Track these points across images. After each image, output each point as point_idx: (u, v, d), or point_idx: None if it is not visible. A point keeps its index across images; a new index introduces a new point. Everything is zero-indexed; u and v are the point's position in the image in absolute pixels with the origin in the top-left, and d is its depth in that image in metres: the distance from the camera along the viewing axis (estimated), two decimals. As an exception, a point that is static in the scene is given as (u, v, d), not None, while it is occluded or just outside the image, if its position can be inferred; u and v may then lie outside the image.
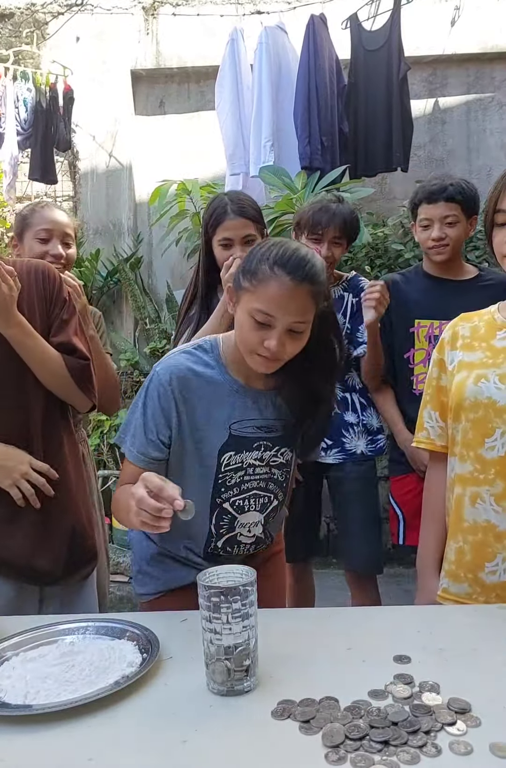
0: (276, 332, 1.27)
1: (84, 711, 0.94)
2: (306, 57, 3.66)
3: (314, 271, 1.29)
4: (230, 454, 1.40)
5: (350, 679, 1.00)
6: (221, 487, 1.41)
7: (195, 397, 1.37)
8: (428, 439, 1.53)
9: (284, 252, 1.28)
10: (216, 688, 0.99)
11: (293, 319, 1.28)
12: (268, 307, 1.26)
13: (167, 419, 1.36)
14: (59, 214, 2.06)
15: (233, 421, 1.39)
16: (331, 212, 2.17)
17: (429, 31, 4.12)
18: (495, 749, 0.83)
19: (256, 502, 1.45)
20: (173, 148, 4.35)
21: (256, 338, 1.29)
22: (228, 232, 2.03)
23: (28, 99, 4.00)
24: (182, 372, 1.36)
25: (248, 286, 1.29)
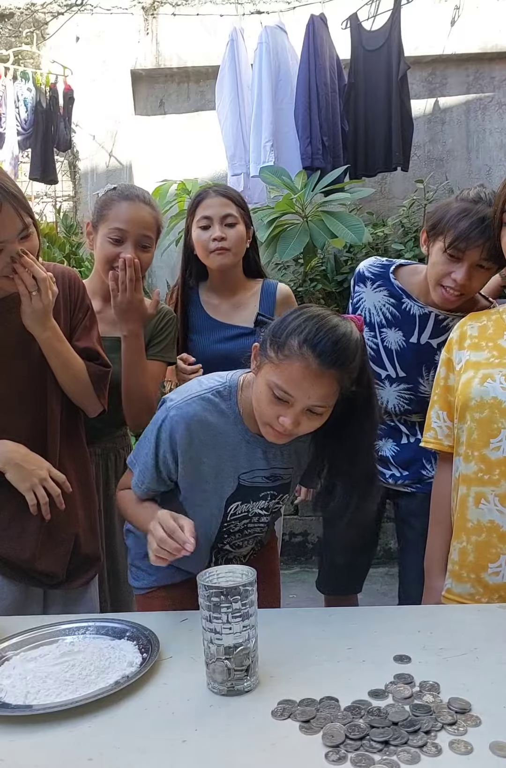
0: (293, 411, 1.22)
1: (84, 711, 0.94)
2: (306, 57, 3.66)
3: (346, 355, 1.21)
4: (237, 504, 1.39)
5: (350, 679, 1.00)
6: (224, 533, 1.42)
7: (207, 447, 1.33)
8: (435, 439, 1.53)
9: (318, 330, 1.20)
10: (216, 687, 0.99)
11: (313, 402, 1.22)
12: (288, 387, 1.20)
13: (175, 462, 1.35)
14: (139, 210, 1.76)
15: (242, 471, 1.36)
16: (486, 225, 1.54)
17: (428, 31, 4.12)
18: (495, 749, 0.83)
19: (253, 539, 1.49)
20: (173, 148, 4.35)
21: (272, 412, 1.23)
22: (207, 210, 1.96)
23: (29, 99, 4.00)
24: (195, 423, 1.31)
25: (273, 357, 1.23)
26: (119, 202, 1.76)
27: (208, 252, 1.98)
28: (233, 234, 1.98)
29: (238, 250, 2.01)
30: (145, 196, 1.81)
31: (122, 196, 1.77)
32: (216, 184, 2.12)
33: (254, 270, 2.14)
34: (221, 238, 1.95)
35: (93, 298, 1.71)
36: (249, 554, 1.53)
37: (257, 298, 2.07)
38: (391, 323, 1.83)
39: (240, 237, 2.00)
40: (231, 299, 2.07)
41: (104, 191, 1.84)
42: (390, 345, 1.84)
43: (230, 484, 1.36)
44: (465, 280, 1.61)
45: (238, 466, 1.36)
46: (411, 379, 1.82)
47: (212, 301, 2.08)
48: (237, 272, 2.08)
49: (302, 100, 3.64)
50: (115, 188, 1.82)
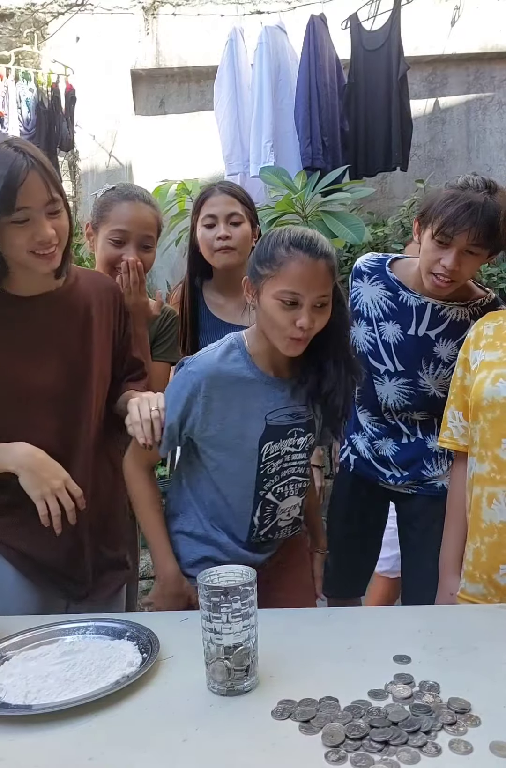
0: (305, 309, 1.33)
1: (84, 710, 0.94)
2: (307, 57, 3.67)
3: (326, 247, 1.36)
4: (269, 444, 1.44)
5: (350, 679, 1.00)
6: (263, 477, 1.45)
7: (230, 393, 1.41)
8: (451, 439, 1.53)
9: (295, 234, 1.35)
10: (216, 687, 0.99)
11: (318, 294, 1.34)
12: (293, 286, 1.32)
13: (202, 415, 1.40)
14: (140, 210, 1.73)
15: (268, 411, 1.43)
16: (474, 208, 1.57)
17: (428, 31, 4.12)
18: (495, 749, 0.83)
19: (295, 487, 1.51)
20: (173, 148, 4.35)
21: (286, 319, 1.34)
22: (212, 208, 1.93)
23: (31, 99, 4.00)
24: (215, 372, 1.40)
25: (268, 272, 1.35)
26: (120, 203, 1.73)
27: (213, 251, 1.95)
28: (238, 233, 1.94)
29: (243, 249, 1.97)
30: (145, 195, 1.79)
31: (122, 197, 1.74)
32: (222, 182, 2.10)
33: None
34: (225, 237, 1.92)
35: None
36: (293, 519, 1.53)
37: None
38: (389, 316, 1.83)
39: (245, 236, 1.96)
40: (236, 299, 2.03)
41: (103, 191, 1.80)
42: (388, 339, 1.83)
43: (258, 425, 1.42)
44: (455, 265, 1.61)
45: (262, 407, 1.43)
46: (410, 373, 1.81)
47: (218, 300, 2.05)
48: (243, 272, 2.04)
49: (303, 101, 3.65)
50: (115, 188, 1.78)
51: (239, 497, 1.45)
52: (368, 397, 1.89)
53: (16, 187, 1.25)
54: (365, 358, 1.84)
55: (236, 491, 1.45)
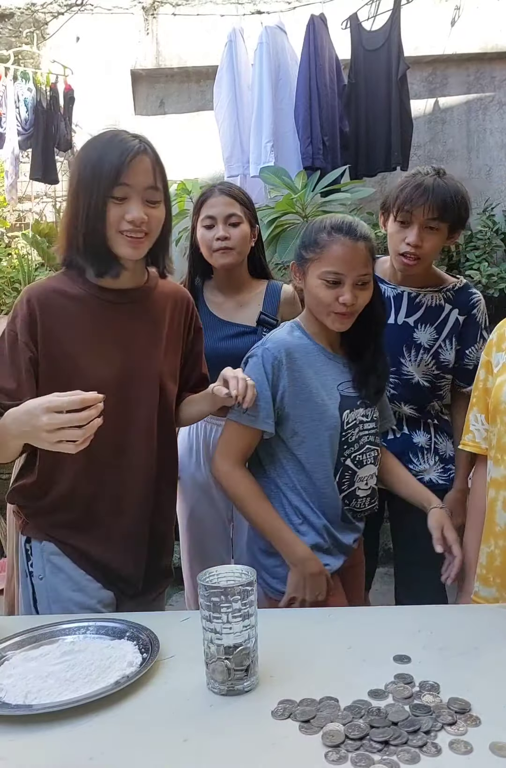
0: (348, 286, 1.48)
1: (85, 710, 0.94)
2: (307, 57, 3.66)
3: (365, 230, 1.51)
4: (347, 412, 1.55)
5: (350, 679, 1.00)
6: (344, 444, 1.55)
7: (305, 365, 1.54)
8: (473, 442, 1.54)
9: (336, 219, 1.52)
10: (216, 687, 0.99)
11: (359, 272, 1.48)
12: (336, 266, 1.48)
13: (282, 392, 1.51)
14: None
15: (338, 382, 1.56)
16: (426, 187, 1.75)
17: (429, 31, 4.12)
18: (495, 749, 0.83)
19: (370, 455, 1.60)
20: (173, 148, 4.34)
21: (330, 296, 1.49)
22: (211, 209, 1.98)
23: (29, 99, 4.00)
24: (289, 346, 1.54)
25: (313, 255, 1.51)
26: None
27: (212, 251, 1.99)
28: (237, 233, 1.98)
29: (242, 250, 2.01)
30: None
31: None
32: (221, 183, 2.12)
33: (260, 270, 2.13)
34: (224, 237, 1.96)
35: None
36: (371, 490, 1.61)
37: (261, 297, 2.07)
38: None
39: (244, 236, 2.00)
40: (235, 298, 2.07)
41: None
42: None
43: (334, 394, 1.55)
44: (418, 241, 1.78)
45: (333, 378, 1.56)
46: (393, 362, 1.86)
47: (217, 299, 2.08)
48: (242, 271, 2.08)
49: (303, 100, 3.64)
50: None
51: (322, 468, 1.53)
52: None
53: (123, 162, 1.30)
54: None
55: (320, 463, 1.53)
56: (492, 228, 3.70)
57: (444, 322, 1.91)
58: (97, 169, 1.31)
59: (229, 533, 2.15)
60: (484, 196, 4.11)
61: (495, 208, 3.92)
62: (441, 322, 1.89)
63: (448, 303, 1.90)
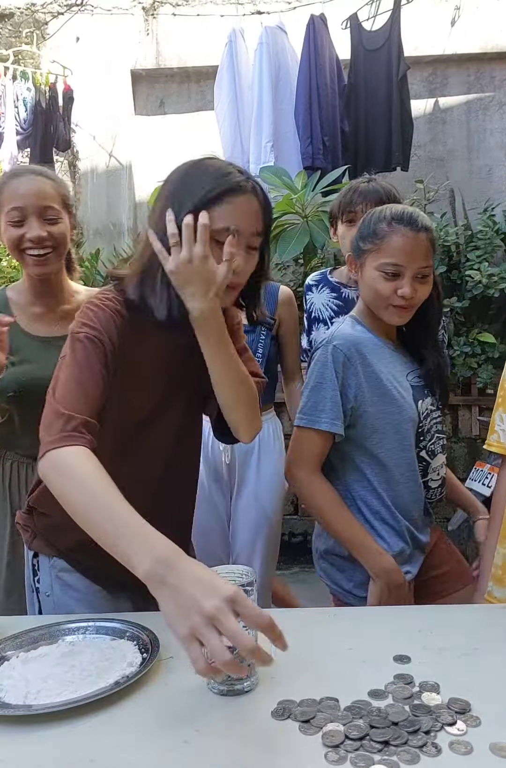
0: (407, 279, 1.43)
1: (84, 711, 0.94)
2: (307, 57, 3.67)
3: (426, 221, 1.46)
4: (420, 402, 1.53)
5: (350, 679, 1.00)
6: (419, 436, 1.53)
7: (374, 358, 1.49)
8: (498, 443, 1.53)
9: (397, 210, 1.47)
10: (216, 687, 0.99)
11: (419, 265, 1.44)
12: (396, 258, 1.43)
13: (356, 388, 1.46)
14: (31, 182, 1.61)
15: (406, 373, 1.54)
16: (361, 190, 2.03)
17: (429, 31, 4.12)
18: (495, 749, 0.83)
19: (439, 444, 1.59)
20: (173, 148, 4.35)
21: (388, 289, 1.44)
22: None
23: (28, 99, 4.00)
24: (355, 339, 1.49)
25: (371, 246, 1.46)
26: (9, 182, 1.62)
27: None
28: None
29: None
30: (37, 169, 1.68)
31: (10, 176, 1.65)
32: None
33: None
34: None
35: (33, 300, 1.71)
36: (441, 480, 1.60)
37: None
38: (338, 312, 2.15)
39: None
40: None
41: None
42: None
43: (406, 385, 1.52)
44: None
45: (402, 369, 1.53)
46: None
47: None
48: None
49: (303, 100, 3.65)
50: (4, 173, 1.72)
51: (406, 463, 1.50)
52: None
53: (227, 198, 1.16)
54: None
55: (403, 458, 1.49)
56: (492, 228, 3.70)
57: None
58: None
59: (228, 534, 2.15)
60: (485, 196, 4.11)
61: (495, 208, 3.92)
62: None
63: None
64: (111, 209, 4.41)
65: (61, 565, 1.35)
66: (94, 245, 4.29)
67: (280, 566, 3.54)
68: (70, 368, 1.14)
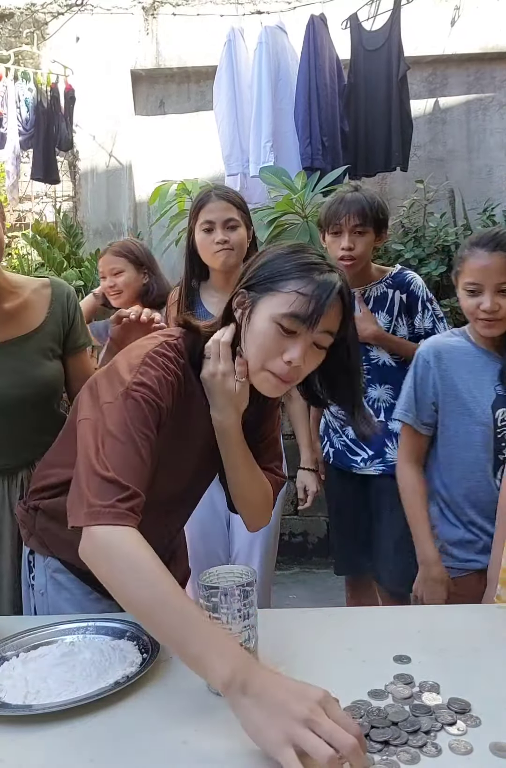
0: (487, 294, 1.60)
1: (84, 711, 0.94)
2: (307, 57, 3.66)
3: (503, 240, 1.61)
4: (499, 411, 1.65)
5: (350, 679, 1.00)
6: (501, 441, 1.65)
7: (457, 365, 1.68)
8: None
9: (478, 234, 1.68)
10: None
11: (497, 280, 1.59)
12: (473, 277, 1.62)
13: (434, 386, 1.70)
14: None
15: (495, 383, 1.66)
16: (346, 201, 2.08)
17: (429, 31, 4.12)
18: (495, 749, 0.83)
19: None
20: (173, 148, 4.35)
21: (472, 305, 1.63)
22: (210, 215, 2.03)
23: (30, 99, 4.00)
24: (440, 345, 1.73)
25: (458, 269, 1.68)
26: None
27: (212, 253, 2.05)
28: (235, 237, 2.05)
29: (240, 251, 2.08)
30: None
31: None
32: (217, 186, 2.16)
33: None
34: (223, 241, 2.03)
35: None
36: None
37: None
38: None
39: (242, 239, 2.08)
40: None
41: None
42: None
43: (489, 392, 1.66)
44: (349, 244, 2.06)
45: (490, 378, 1.66)
46: (363, 351, 2.13)
47: (213, 298, 2.14)
48: (238, 272, 2.11)
49: (302, 100, 3.64)
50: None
51: (477, 463, 1.66)
52: None
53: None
54: None
55: (473, 458, 1.66)
56: (492, 228, 3.70)
57: (392, 305, 2.16)
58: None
59: (227, 533, 2.15)
60: (484, 196, 4.11)
61: (495, 208, 3.92)
62: (389, 306, 2.15)
63: (390, 288, 2.16)
64: (111, 209, 4.41)
65: (55, 565, 1.34)
66: (94, 245, 4.29)
67: (280, 566, 3.55)
68: (123, 428, 1.04)
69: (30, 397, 1.56)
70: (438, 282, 3.63)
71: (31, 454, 1.59)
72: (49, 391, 1.61)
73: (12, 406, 1.54)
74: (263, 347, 1.12)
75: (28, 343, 1.58)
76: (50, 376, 1.61)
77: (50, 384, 1.61)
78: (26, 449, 1.59)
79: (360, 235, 2.07)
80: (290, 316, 1.09)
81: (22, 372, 1.55)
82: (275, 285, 1.12)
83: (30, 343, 1.58)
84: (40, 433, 1.56)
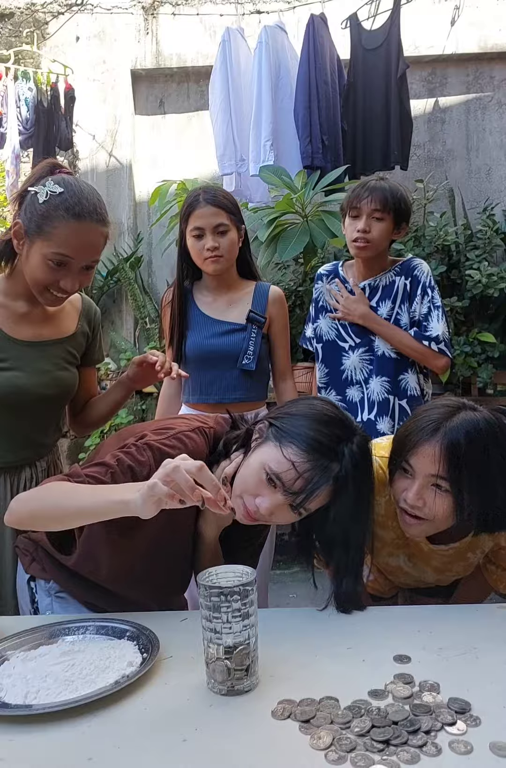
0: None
1: (84, 710, 0.94)
2: (306, 56, 3.66)
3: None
4: None
5: (350, 679, 1.00)
6: None
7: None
8: None
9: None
10: (216, 687, 0.99)
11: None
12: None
13: None
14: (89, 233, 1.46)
15: None
16: (369, 186, 2.15)
17: (428, 31, 4.12)
18: (495, 749, 0.83)
19: None
20: (173, 148, 4.35)
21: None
22: (199, 221, 2.05)
23: (30, 98, 4.00)
24: None
25: None
26: (67, 222, 1.42)
27: (202, 259, 2.09)
28: (225, 242, 2.07)
29: (231, 256, 2.12)
30: (97, 210, 1.47)
31: (71, 214, 1.42)
32: (206, 189, 2.14)
33: (247, 271, 2.22)
34: (213, 248, 2.05)
35: (16, 299, 1.56)
36: None
37: (250, 296, 2.16)
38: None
39: (232, 243, 2.10)
40: (225, 296, 2.17)
41: (45, 193, 1.44)
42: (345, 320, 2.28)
43: None
44: (365, 227, 2.13)
45: None
46: (365, 342, 2.24)
47: (206, 298, 2.18)
48: (231, 272, 2.19)
49: (302, 99, 3.64)
50: (62, 194, 1.43)
51: None
52: (336, 375, 2.27)
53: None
54: (334, 342, 2.29)
55: None
56: (491, 227, 3.70)
57: (396, 293, 2.21)
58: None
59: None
60: (484, 196, 4.11)
61: (494, 207, 3.92)
62: (394, 294, 2.21)
63: (397, 275, 2.22)
64: (111, 209, 4.40)
65: (57, 588, 1.36)
66: (94, 245, 4.29)
67: (280, 566, 3.55)
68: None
69: (50, 397, 1.61)
70: (438, 282, 3.63)
71: (32, 454, 1.63)
72: (66, 395, 1.68)
73: (31, 402, 1.57)
74: (245, 481, 1.20)
75: (59, 348, 1.64)
76: (71, 381, 1.67)
77: (70, 389, 1.67)
78: (29, 448, 1.62)
79: (378, 221, 2.13)
80: (276, 477, 1.16)
81: (49, 373, 1.60)
82: (281, 438, 1.19)
83: (61, 348, 1.65)
84: (43, 434, 1.65)
